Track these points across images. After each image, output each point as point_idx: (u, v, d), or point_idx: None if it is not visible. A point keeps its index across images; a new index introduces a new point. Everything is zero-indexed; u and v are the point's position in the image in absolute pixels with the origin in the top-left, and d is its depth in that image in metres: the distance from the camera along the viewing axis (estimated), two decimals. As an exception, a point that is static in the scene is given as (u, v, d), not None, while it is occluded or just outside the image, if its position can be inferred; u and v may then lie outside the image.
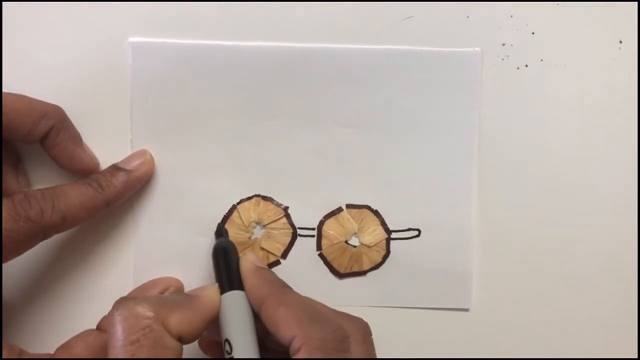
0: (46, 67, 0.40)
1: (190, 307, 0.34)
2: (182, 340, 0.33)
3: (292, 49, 0.40)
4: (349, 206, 0.41)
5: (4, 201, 0.35)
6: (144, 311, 0.32)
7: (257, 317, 0.35)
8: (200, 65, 0.40)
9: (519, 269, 0.42)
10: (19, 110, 0.37)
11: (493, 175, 0.41)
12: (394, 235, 0.41)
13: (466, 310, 0.42)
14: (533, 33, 0.41)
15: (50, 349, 0.36)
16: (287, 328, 0.32)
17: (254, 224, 0.41)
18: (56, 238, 0.38)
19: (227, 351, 0.34)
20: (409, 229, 0.41)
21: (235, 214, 0.41)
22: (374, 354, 0.34)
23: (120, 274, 0.41)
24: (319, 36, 0.40)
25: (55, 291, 0.41)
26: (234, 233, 0.41)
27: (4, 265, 0.36)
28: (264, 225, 0.41)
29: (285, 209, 0.41)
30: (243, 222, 0.41)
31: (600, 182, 0.41)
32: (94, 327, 0.37)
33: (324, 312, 0.34)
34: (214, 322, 0.35)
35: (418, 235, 0.41)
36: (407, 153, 0.41)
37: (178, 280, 0.41)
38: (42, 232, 0.36)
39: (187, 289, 0.40)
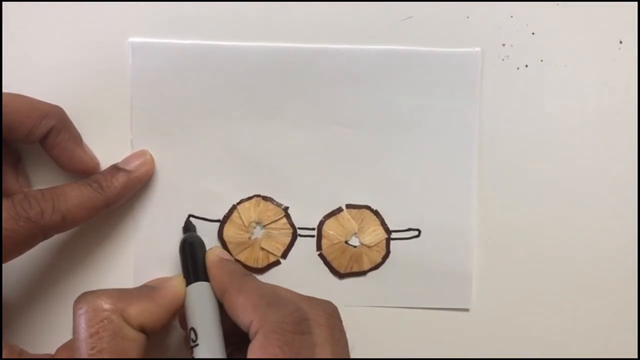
0: (46, 67, 0.40)
1: (150, 298, 0.34)
2: (145, 331, 0.33)
3: (292, 49, 0.40)
4: (349, 206, 0.41)
5: (4, 201, 0.35)
6: (102, 304, 0.32)
7: (222, 307, 0.36)
8: (200, 65, 0.40)
9: (519, 269, 0.42)
10: (19, 111, 0.37)
11: (493, 175, 0.41)
12: (393, 235, 0.41)
13: (466, 310, 0.42)
14: (533, 33, 0.41)
15: (50, 349, 0.36)
16: (244, 314, 0.33)
17: (254, 224, 0.41)
18: (56, 238, 0.38)
19: (192, 339, 0.34)
20: (409, 229, 0.41)
21: (235, 214, 0.41)
22: (341, 336, 0.34)
23: (120, 274, 0.41)
24: (319, 36, 0.40)
25: (55, 291, 0.41)
26: (234, 233, 0.41)
27: (4, 266, 0.36)
28: (264, 226, 0.41)
29: (285, 209, 0.41)
30: (243, 222, 0.41)
31: (600, 181, 0.41)
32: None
33: (283, 296, 0.34)
34: (180, 313, 0.36)
35: (418, 236, 0.41)
36: (407, 153, 0.41)
37: (183, 280, 0.40)
38: (42, 233, 0.36)
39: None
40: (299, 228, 0.41)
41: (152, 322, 0.34)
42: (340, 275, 0.41)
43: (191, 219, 0.41)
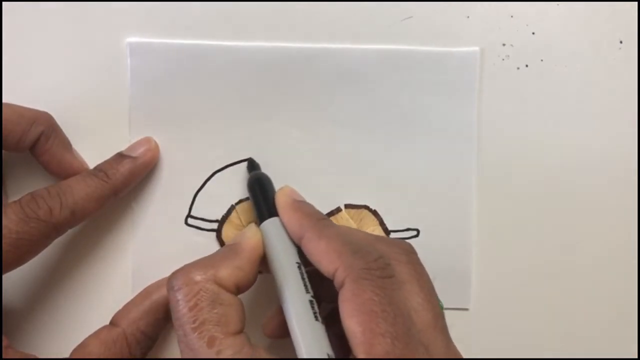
0: (43, 67, 0.40)
1: (234, 255, 0.34)
2: (240, 289, 0.33)
3: (292, 49, 0.40)
4: (347, 206, 0.41)
5: (13, 204, 0.35)
6: (193, 276, 0.32)
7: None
8: (199, 65, 0.40)
9: (518, 269, 0.42)
10: (7, 119, 0.37)
11: (493, 175, 0.41)
12: (392, 235, 0.41)
13: (466, 310, 0.42)
14: (533, 33, 0.41)
15: (49, 348, 0.37)
16: (329, 260, 0.32)
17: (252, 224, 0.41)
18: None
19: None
20: (408, 229, 0.41)
21: (233, 214, 0.41)
22: (422, 270, 0.34)
23: (120, 274, 0.41)
24: (319, 36, 0.40)
25: (55, 292, 0.41)
26: (232, 234, 0.41)
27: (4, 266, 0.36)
28: (263, 226, 0.41)
29: (284, 209, 0.41)
30: (242, 222, 0.41)
31: (600, 181, 0.41)
32: (94, 327, 0.38)
33: (363, 241, 0.34)
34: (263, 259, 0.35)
35: (417, 235, 0.41)
36: (406, 153, 0.41)
37: None
38: (54, 230, 0.36)
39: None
40: (298, 228, 0.41)
41: (244, 279, 0.33)
42: (340, 276, 0.41)
43: (189, 219, 0.41)
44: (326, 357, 0.31)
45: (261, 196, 0.38)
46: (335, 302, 0.32)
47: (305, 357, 0.31)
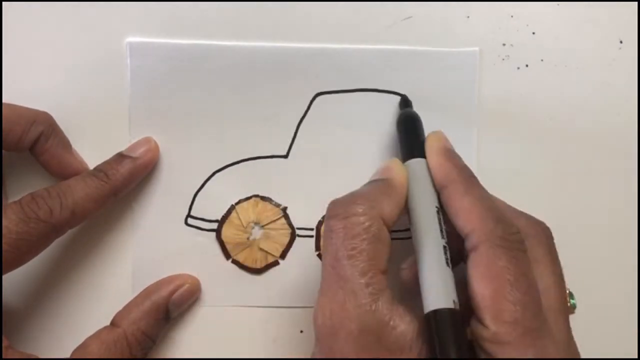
0: (43, 67, 0.40)
1: (393, 190, 0.34)
2: (389, 227, 0.33)
3: (292, 49, 0.40)
4: (347, 206, 0.41)
5: (13, 205, 0.35)
6: (358, 208, 0.32)
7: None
8: (199, 65, 0.40)
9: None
10: (7, 119, 0.37)
11: (492, 175, 0.41)
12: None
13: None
14: (533, 33, 0.41)
15: (50, 349, 0.37)
16: (468, 219, 0.32)
17: (252, 224, 0.41)
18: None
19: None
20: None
21: (233, 214, 0.41)
22: (556, 256, 0.34)
23: (120, 274, 0.41)
24: (319, 36, 0.40)
25: (55, 292, 0.41)
26: (232, 234, 0.41)
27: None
28: (263, 226, 0.41)
29: (284, 209, 0.41)
30: (241, 222, 0.41)
31: (600, 181, 0.41)
32: (94, 327, 0.38)
33: (507, 212, 0.34)
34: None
35: (417, 235, 0.41)
36: (406, 153, 0.41)
37: (193, 277, 0.41)
38: (54, 231, 0.36)
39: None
40: (298, 228, 0.41)
41: (397, 217, 0.33)
42: (340, 276, 0.41)
43: (189, 219, 0.41)
44: (452, 304, 0.30)
45: (412, 134, 0.37)
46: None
47: (432, 300, 0.31)
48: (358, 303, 0.30)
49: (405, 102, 0.40)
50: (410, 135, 0.38)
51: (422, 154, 0.36)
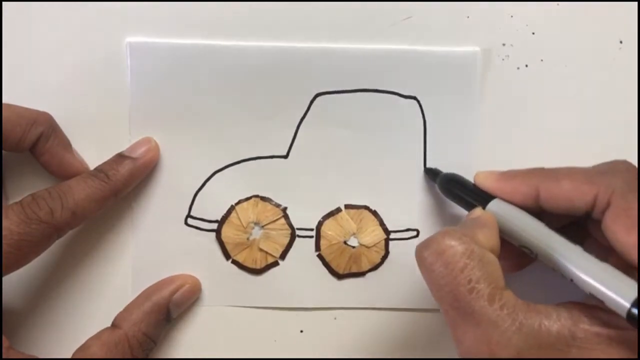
0: (44, 67, 0.40)
1: (483, 225, 0.33)
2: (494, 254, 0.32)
3: (292, 49, 0.40)
4: (347, 206, 0.41)
5: (14, 206, 0.35)
6: (449, 242, 0.31)
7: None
8: (199, 65, 0.40)
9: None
10: (8, 119, 0.37)
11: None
12: (392, 235, 0.41)
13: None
14: (533, 33, 0.41)
15: (50, 349, 0.37)
16: (582, 192, 0.32)
17: (252, 224, 0.41)
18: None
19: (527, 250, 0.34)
20: (408, 230, 0.41)
21: (233, 214, 0.41)
22: None
23: (120, 274, 0.41)
24: (319, 36, 0.40)
25: (56, 292, 0.41)
26: (232, 234, 0.41)
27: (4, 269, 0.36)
28: (263, 226, 0.41)
29: (284, 209, 0.41)
30: (241, 222, 0.41)
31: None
32: (94, 327, 0.38)
33: (597, 168, 0.34)
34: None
35: (417, 236, 0.41)
36: (407, 153, 0.41)
37: (193, 277, 0.41)
38: (55, 231, 0.36)
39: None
40: (298, 228, 0.41)
41: (496, 246, 0.33)
42: (339, 276, 0.41)
43: (189, 219, 0.41)
44: (636, 293, 0.29)
45: (464, 189, 0.37)
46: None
47: (621, 297, 0.29)
48: (503, 330, 0.30)
49: (432, 172, 0.40)
50: (464, 192, 0.38)
51: (488, 196, 0.36)
